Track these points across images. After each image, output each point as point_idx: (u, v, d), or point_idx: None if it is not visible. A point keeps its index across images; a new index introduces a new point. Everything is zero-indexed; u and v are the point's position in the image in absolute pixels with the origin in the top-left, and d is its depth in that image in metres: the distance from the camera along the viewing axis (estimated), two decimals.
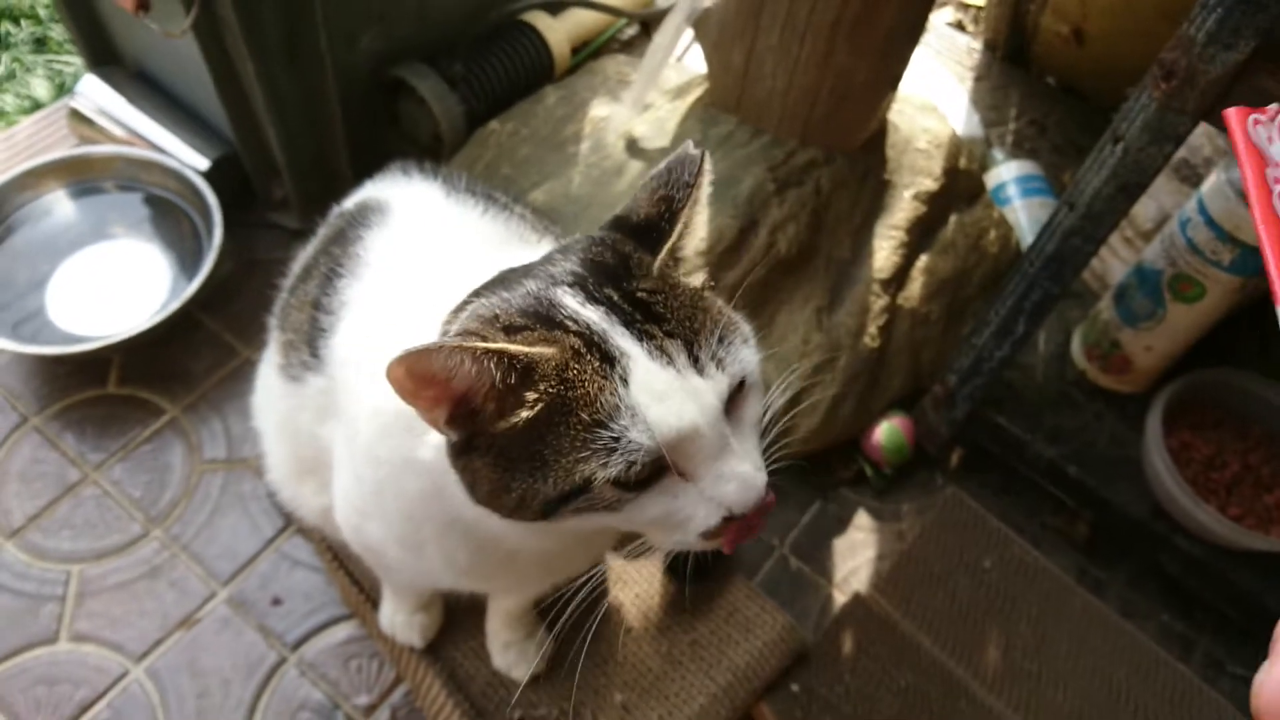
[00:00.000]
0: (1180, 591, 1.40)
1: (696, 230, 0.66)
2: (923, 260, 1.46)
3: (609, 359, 0.58)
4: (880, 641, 1.33)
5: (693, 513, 0.61)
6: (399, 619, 1.23)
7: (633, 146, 1.46)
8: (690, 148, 0.65)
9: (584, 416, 0.57)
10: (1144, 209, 1.43)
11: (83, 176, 1.57)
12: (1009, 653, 1.33)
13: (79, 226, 1.55)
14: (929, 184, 1.46)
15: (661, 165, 0.65)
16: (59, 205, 1.56)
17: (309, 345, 0.82)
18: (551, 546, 0.79)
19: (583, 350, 0.58)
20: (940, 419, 1.41)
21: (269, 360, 0.96)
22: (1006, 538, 1.43)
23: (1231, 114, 0.37)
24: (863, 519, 1.45)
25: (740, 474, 0.60)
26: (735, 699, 1.22)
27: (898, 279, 1.43)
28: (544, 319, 0.59)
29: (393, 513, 0.77)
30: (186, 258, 1.53)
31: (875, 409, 1.46)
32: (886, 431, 1.45)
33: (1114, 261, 1.50)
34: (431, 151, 1.63)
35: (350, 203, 0.95)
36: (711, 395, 0.59)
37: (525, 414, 0.58)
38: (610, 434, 0.56)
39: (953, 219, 1.51)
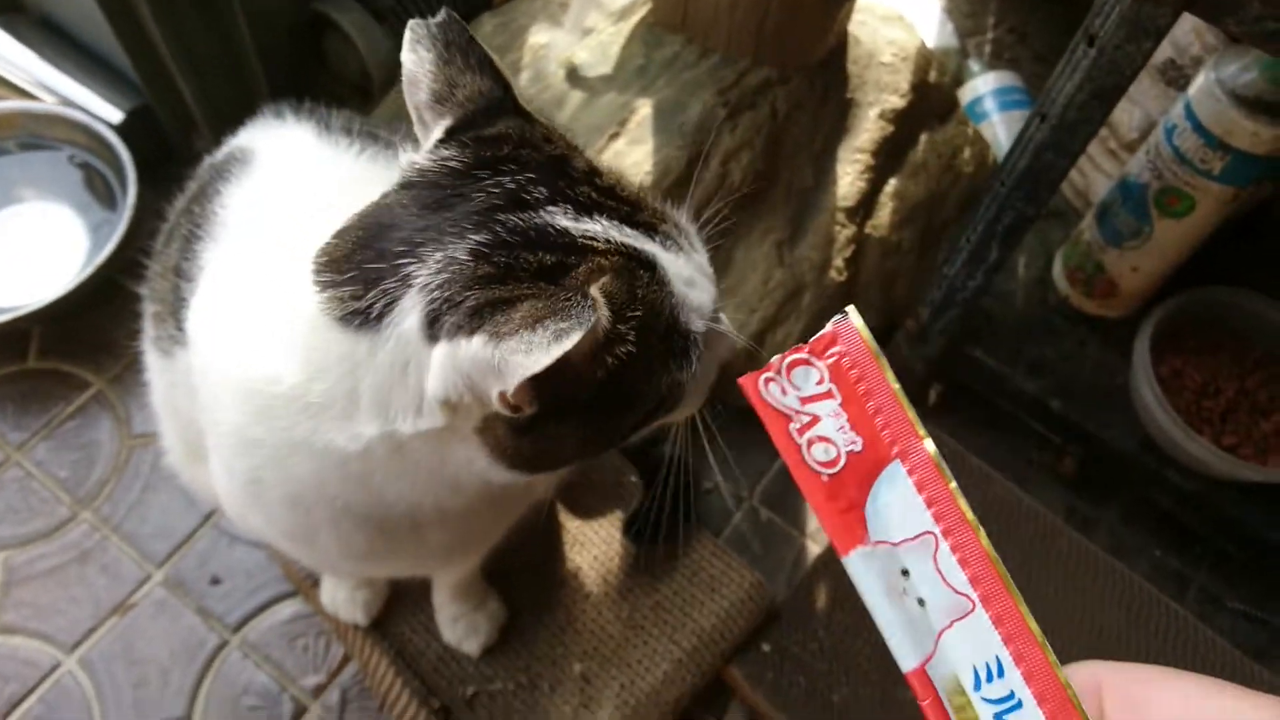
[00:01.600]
0: (1174, 526, 1.32)
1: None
2: (891, 184, 1.36)
3: (647, 264, 0.55)
4: (856, 594, 1.25)
5: (717, 354, 0.62)
6: (340, 596, 1.16)
7: (573, 75, 1.35)
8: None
9: (660, 328, 0.55)
10: (1128, 117, 1.32)
11: None
12: None
13: None
14: (896, 101, 1.35)
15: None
16: None
17: (174, 317, 0.73)
18: (461, 521, 0.71)
19: (631, 265, 0.54)
20: (915, 355, 1.32)
21: (145, 333, 0.87)
22: (989, 477, 1.35)
23: (744, 383, 0.36)
24: None
25: (722, 319, 0.62)
26: (702, 663, 1.15)
27: (865, 206, 1.33)
28: (564, 247, 0.52)
29: (275, 503, 0.68)
30: (102, 218, 1.43)
31: None
32: None
33: (1097, 176, 1.39)
34: (362, 91, 1.52)
35: (220, 153, 0.86)
36: (707, 264, 0.59)
37: (624, 350, 0.52)
38: (681, 333, 0.56)
39: (923, 138, 1.40)
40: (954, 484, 0.34)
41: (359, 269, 0.52)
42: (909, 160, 1.38)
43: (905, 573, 0.34)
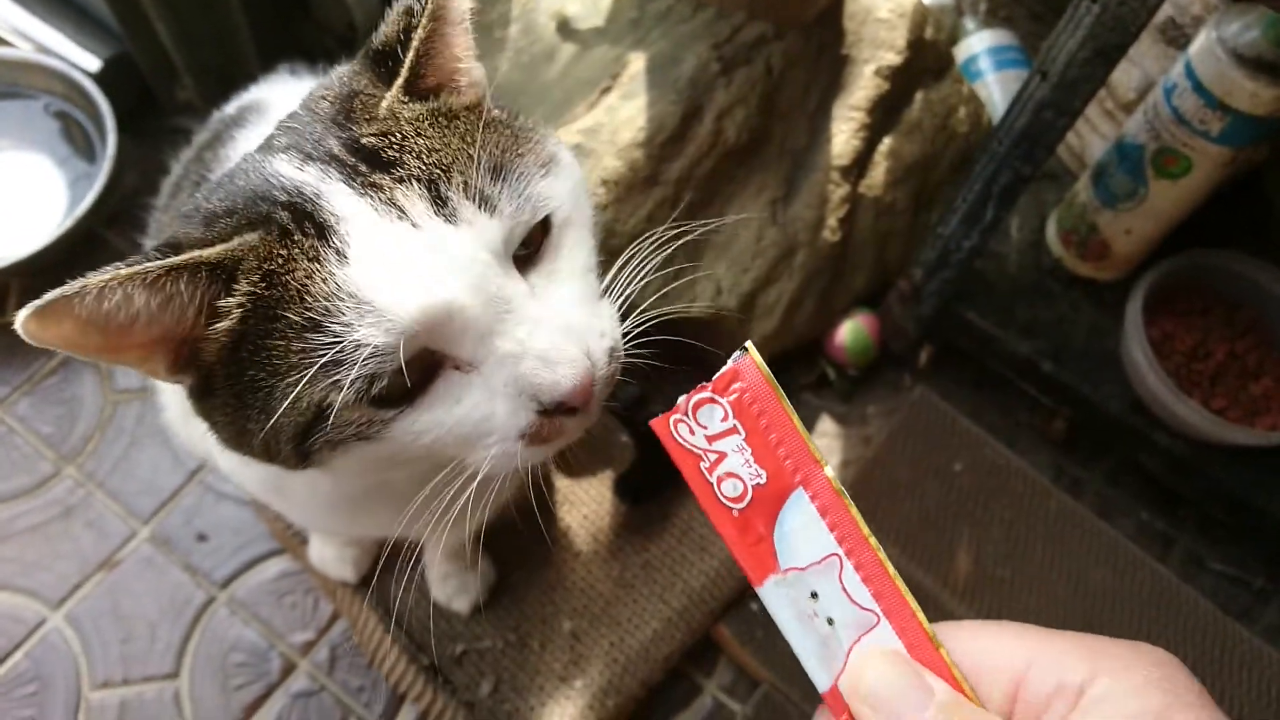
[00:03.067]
0: (1161, 488, 1.33)
1: (454, 53, 0.52)
2: (886, 143, 1.34)
3: (322, 231, 0.45)
4: None
5: (489, 413, 0.47)
6: (329, 553, 1.15)
7: (565, 28, 1.32)
8: None
9: (293, 318, 0.44)
10: (1126, 77, 1.30)
11: None
12: (980, 560, 1.27)
13: None
14: (892, 58, 1.33)
15: None
16: None
17: None
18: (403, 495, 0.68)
19: (290, 227, 0.45)
20: (907, 316, 1.32)
21: None
22: (979, 439, 1.35)
23: (655, 425, 0.37)
24: (826, 425, 1.37)
25: (537, 347, 0.46)
26: (691, 621, 1.16)
27: (859, 165, 1.31)
28: (255, 198, 0.47)
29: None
30: (82, 171, 1.39)
31: (838, 308, 1.36)
32: (850, 331, 1.35)
33: (1093, 137, 1.38)
34: (347, 43, 1.48)
35: (231, 106, 0.86)
36: (471, 246, 0.45)
37: (224, 326, 0.45)
38: (330, 337, 0.43)
39: (918, 97, 1.38)
40: (853, 507, 0.36)
41: None
42: (904, 119, 1.36)
43: (814, 595, 0.36)
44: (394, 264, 0.44)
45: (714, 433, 0.37)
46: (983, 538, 1.28)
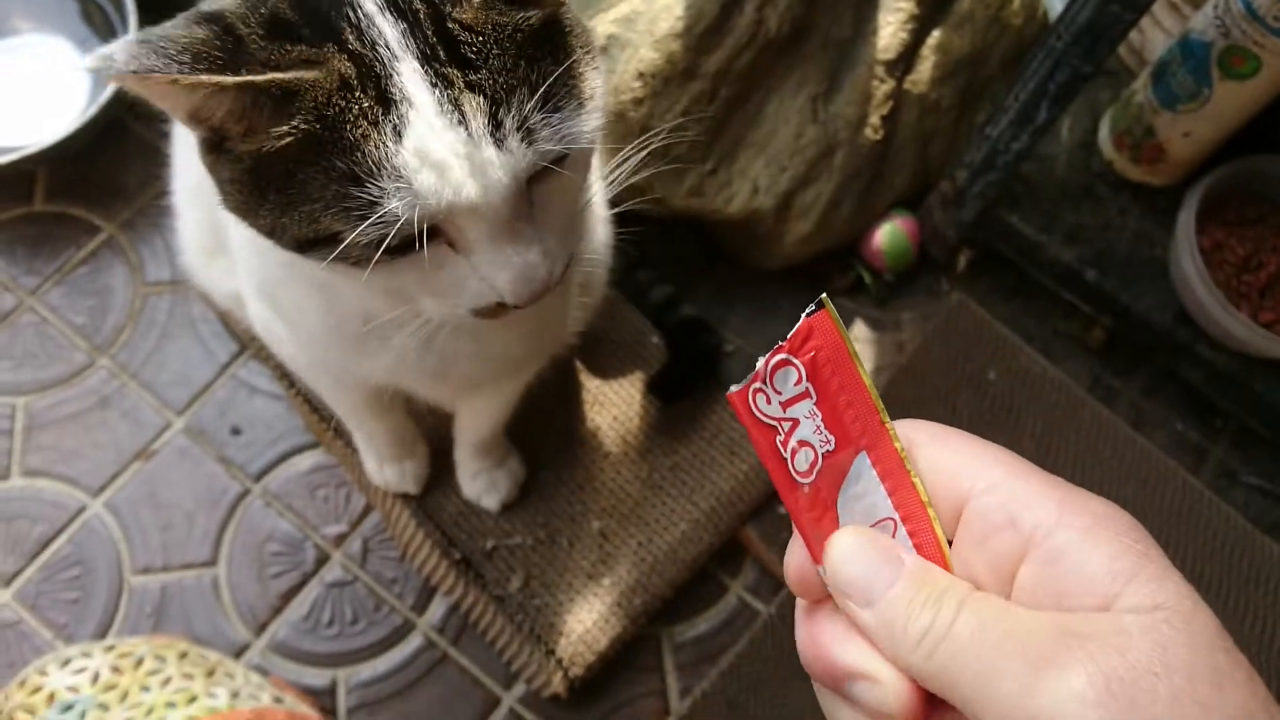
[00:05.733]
0: (1197, 400, 1.31)
1: None
2: (934, 37, 1.28)
3: (386, 101, 0.47)
4: None
5: (461, 287, 0.54)
6: (389, 471, 1.15)
7: None
8: None
9: (339, 165, 0.47)
10: None
11: None
12: None
13: None
14: None
15: None
16: None
17: None
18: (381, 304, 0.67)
19: (354, 82, 0.47)
20: (948, 219, 1.28)
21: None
22: (1014, 347, 1.32)
23: (734, 400, 0.35)
24: (860, 330, 1.35)
25: (522, 264, 0.52)
26: (719, 524, 1.17)
27: (905, 60, 1.25)
28: (323, 19, 0.47)
29: (257, 267, 0.73)
30: None
31: (876, 210, 1.33)
32: (888, 234, 1.32)
33: (1155, 33, 1.31)
34: None
35: None
36: (503, 173, 0.49)
37: (272, 145, 0.47)
38: (367, 195, 0.47)
39: None
40: (916, 476, 0.34)
41: None
42: (954, 10, 1.29)
43: None
44: (440, 162, 0.47)
45: (788, 398, 0.34)
46: (1014, 448, 1.24)
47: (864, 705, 0.33)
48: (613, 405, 1.22)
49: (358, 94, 0.47)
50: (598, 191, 0.71)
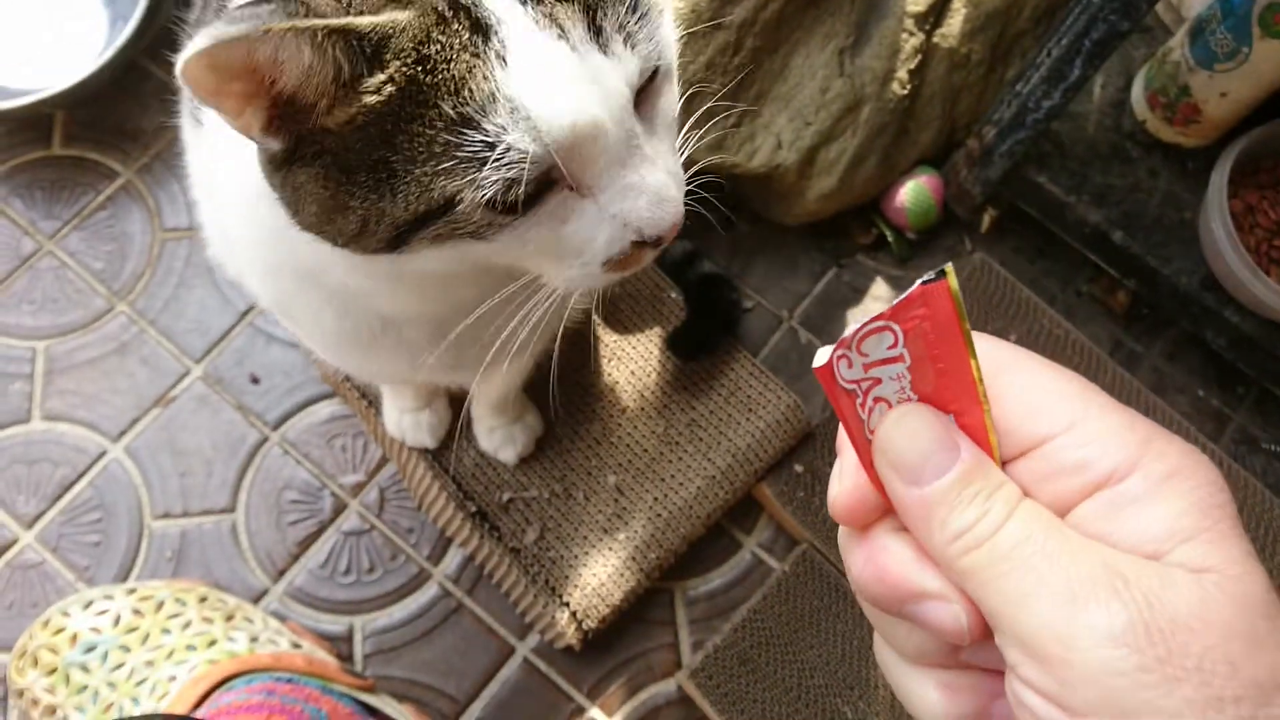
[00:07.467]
0: (1220, 365, 1.29)
1: None
2: None
3: (482, 28, 0.44)
4: None
5: (592, 236, 0.50)
6: (406, 421, 1.15)
7: None
8: None
9: (447, 109, 0.44)
10: None
11: None
12: None
13: None
14: None
15: None
16: None
17: None
18: (422, 306, 0.66)
19: (448, 13, 0.44)
20: (974, 178, 1.26)
21: (183, 108, 0.83)
22: (1036, 308, 1.31)
23: (820, 372, 0.34)
24: (880, 288, 1.33)
25: (654, 185, 0.49)
26: (735, 481, 1.17)
27: (935, 12, 1.23)
28: None
29: (260, 266, 0.70)
30: None
31: (900, 167, 1.31)
32: (912, 191, 1.30)
33: None
34: None
35: None
36: (618, 80, 0.46)
37: (371, 101, 0.44)
38: (483, 136, 0.44)
39: None
40: (997, 453, 0.33)
41: None
42: None
43: None
44: (551, 80, 0.45)
45: (875, 359, 0.33)
46: None
47: (931, 625, 0.32)
48: (630, 361, 1.22)
49: (454, 25, 0.44)
50: None
